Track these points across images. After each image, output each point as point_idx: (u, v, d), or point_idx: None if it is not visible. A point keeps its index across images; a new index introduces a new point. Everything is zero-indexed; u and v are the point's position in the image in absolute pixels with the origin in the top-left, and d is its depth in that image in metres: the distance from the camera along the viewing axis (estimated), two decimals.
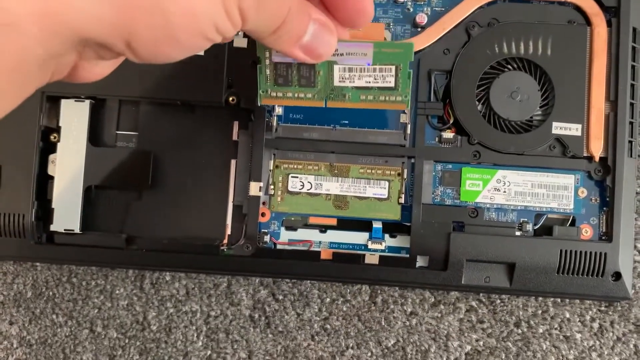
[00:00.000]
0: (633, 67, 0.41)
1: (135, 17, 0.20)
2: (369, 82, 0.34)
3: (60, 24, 0.19)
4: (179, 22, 0.21)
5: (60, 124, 0.42)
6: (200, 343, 0.43)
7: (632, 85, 0.41)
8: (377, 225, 0.41)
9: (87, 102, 0.42)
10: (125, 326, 0.44)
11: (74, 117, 0.42)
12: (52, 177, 0.42)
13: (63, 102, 0.42)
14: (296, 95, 0.34)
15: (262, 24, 0.24)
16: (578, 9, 0.41)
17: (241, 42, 0.41)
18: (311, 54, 0.28)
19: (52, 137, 0.42)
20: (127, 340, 0.44)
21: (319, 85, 0.34)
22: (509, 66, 0.41)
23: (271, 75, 0.34)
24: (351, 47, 0.33)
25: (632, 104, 0.41)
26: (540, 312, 0.43)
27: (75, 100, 0.42)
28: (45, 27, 0.19)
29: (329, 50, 0.29)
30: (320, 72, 0.34)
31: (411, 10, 0.42)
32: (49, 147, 0.42)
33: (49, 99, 0.41)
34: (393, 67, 0.34)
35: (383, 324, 0.43)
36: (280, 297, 0.44)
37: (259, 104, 0.34)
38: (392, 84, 0.34)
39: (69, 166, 0.41)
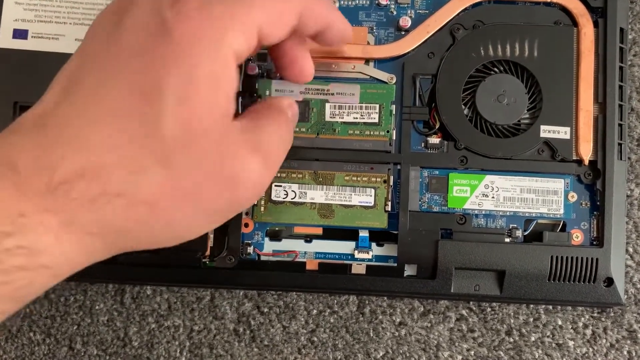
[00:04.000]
0: (621, 68, 0.40)
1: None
2: (356, 118, 0.40)
3: (119, 250, 0.26)
4: None
5: None
6: (183, 359, 0.42)
7: (621, 87, 0.40)
8: (363, 234, 0.40)
9: None
10: (106, 342, 0.42)
11: None
12: None
13: None
14: None
15: None
16: (564, 9, 0.40)
17: None
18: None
19: None
20: (107, 357, 0.42)
21: (312, 120, 0.40)
22: (495, 69, 0.41)
23: None
24: (341, 87, 0.39)
25: (620, 106, 0.40)
26: (531, 319, 0.42)
27: None
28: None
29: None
30: (314, 109, 0.40)
31: (394, 13, 0.41)
32: None
33: (23, 108, 0.40)
34: (377, 106, 0.40)
35: (372, 335, 0.42)
36: (266, 310, 0.42)
37: None
38: (376, 120, 0.40)
39: None
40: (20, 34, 0.40)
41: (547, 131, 0.40)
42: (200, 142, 0.24)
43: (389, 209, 0.40)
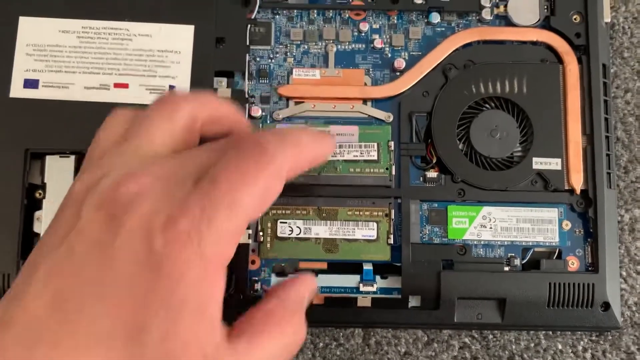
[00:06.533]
0: (605, 101, 0.42)
1: None
2: (356, 156, 0.41)
3: None
4: None
5: (45, 181, 0.41)
6: None
7: (606, 119, 0.42)
8: (367, 267, 0.41)
9: (72, 157, 0.41)
10: None
11: (60, 173, 0.41)
12: (38, 235, 0.41)
13: (48, 158, 0.41)
14: None
15: None
16: (550, 48, 0.43)
17: (225, 92, 0.42)
18: None
19: (37, 194, 0.41)
20: None
21: None
22: (487, 105, 0.43)
23: None
24: (341, 129, 0.42)
25: (607, 137, 0.42)
26: (532, 345, 0.43)
27: (60, 156, 0.41)
28: None
29: None
30: None
31: (389, 55, 0.44)
32: (34, 204, 0.41)
33: (34, 155, 0.41)
34: (375, 144, 0.42)
35: None
36: None
37: None
38: (375, 157, 0.41)
39: None
40: (31, 83, 0.41)
41: (539, 163, 0.42)
42: None
43: (392, 242, 0.41)
